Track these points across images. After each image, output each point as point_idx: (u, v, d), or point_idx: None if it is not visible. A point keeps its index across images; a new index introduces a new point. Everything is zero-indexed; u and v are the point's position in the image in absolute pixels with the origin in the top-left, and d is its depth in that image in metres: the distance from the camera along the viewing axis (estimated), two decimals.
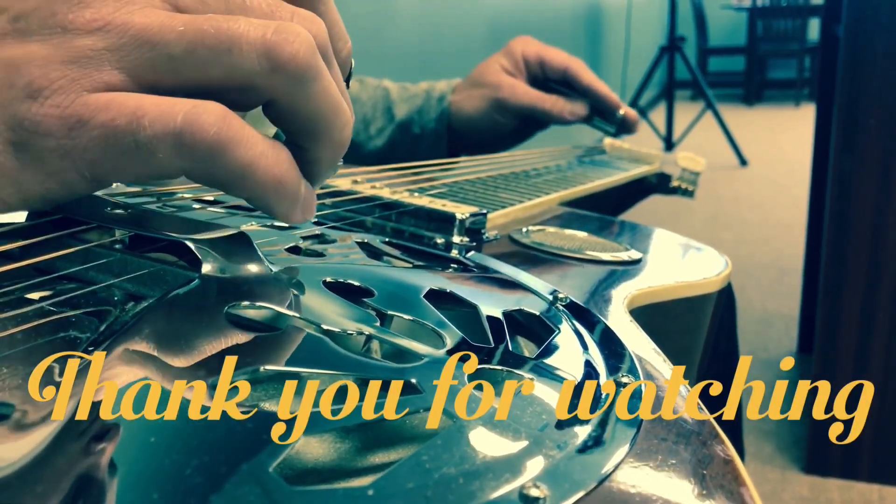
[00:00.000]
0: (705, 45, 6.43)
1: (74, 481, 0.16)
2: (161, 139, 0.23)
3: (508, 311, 0.28)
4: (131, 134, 0.23)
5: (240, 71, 0.24)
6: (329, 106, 0.26)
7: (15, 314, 0.22)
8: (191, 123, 0.23)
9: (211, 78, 0.24)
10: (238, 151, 0.24)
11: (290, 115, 0.26)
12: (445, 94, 0.76)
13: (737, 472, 0.19)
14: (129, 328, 0.21)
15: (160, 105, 0.23)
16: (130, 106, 0.23)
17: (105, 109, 0.23)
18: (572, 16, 3.50)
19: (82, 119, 0.23)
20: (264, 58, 0.24)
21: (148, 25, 0.24)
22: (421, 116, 0.76)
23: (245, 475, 0.16)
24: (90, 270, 0.25)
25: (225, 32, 0.24)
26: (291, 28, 0.24)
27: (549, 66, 0.75)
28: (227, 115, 0.24)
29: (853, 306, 1.17)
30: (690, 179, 0.78)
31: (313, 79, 0.25)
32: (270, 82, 0.24)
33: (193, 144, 0.23)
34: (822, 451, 1.22)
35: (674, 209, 2.83)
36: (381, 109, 0.77)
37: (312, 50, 0.25)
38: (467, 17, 2.10)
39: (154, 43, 0.24)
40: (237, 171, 0.24)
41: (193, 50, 0.24)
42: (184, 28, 0.24)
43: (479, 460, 0.18)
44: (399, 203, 0.42)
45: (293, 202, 0.26)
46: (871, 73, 1.12)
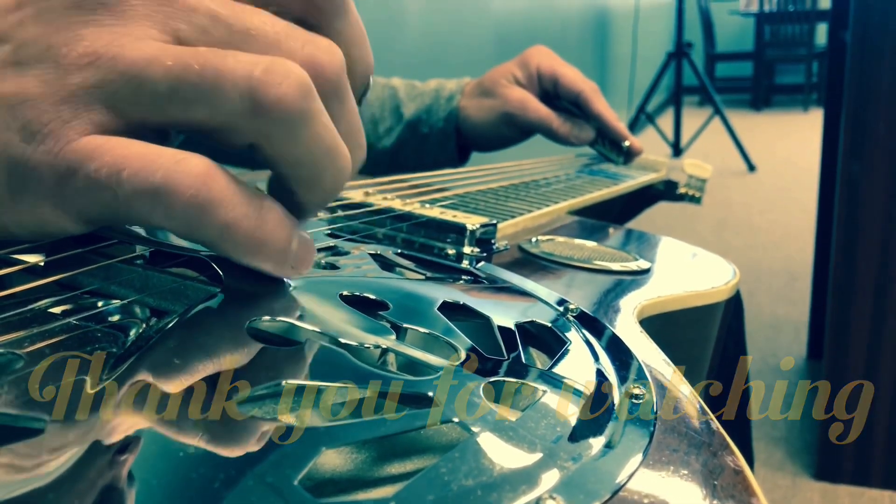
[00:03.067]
0: (713, 51, 6.43)
1: (104, 495, 0.16)
2: (138, 196, 0.22)
3: (519, 322, 0.28)
4: (110, 189, 0.23)
5: (221, 112, 0.23)
6: (320, 152, 0.24)
7: (42, 330, 0.22)
8: (168, 181, 0.22)
9: (195, 118, 0.23)
10: (217, 213, 0.23)
11: (275, 160, 0.24)
12: (455, 95, 0.76)
13: (747, 483, 0.20)
14: (154, 343, 0.22)
15: (143, 157, 0.22)
16: (115, 156, 0.22)
17: (90, 158, 0.23)
18: (580, 22, 3.51)
19: (70, 168, 0.23)
20: (248, 99, 0.23)
21: (136, 60, 0.23)
22: (429, 116, 0.76)
23: (270, 488, 0.16)
24: (112, 286, 0.26)
25: (209, 70, 0.23)
26: (282, 67, 0.23)
27: (563, 86, 0.74)
28: (210, 174, 0.23)
29: (863, 311, 1.17)
30: (697, 186, 0.78)
31: (303, 123, 0.23)
32: (254, 126, 0.23)
33: (169, 204, 0.22)
34: (833, 458, 1.22)
35: (682, 215, 2.83)
36: (389, 109, 0.78)
37: (303, 91, 0.23)
38: (475, 24, 2.10)
39: (141, 79, 0.23)
40: (215, 233, 0.23)
41: (177, 88, 0.23)
42: (172, 63, 0.23)
43: (496, 473, 0.18)
44: (411, 214, 0.42)
45: (281, 262, 0.25)
46: (880, 78, 1.12)
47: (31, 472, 0.16)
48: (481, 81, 0.76)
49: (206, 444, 0.18)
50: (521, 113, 0.73)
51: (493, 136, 0.76)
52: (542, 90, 0.75)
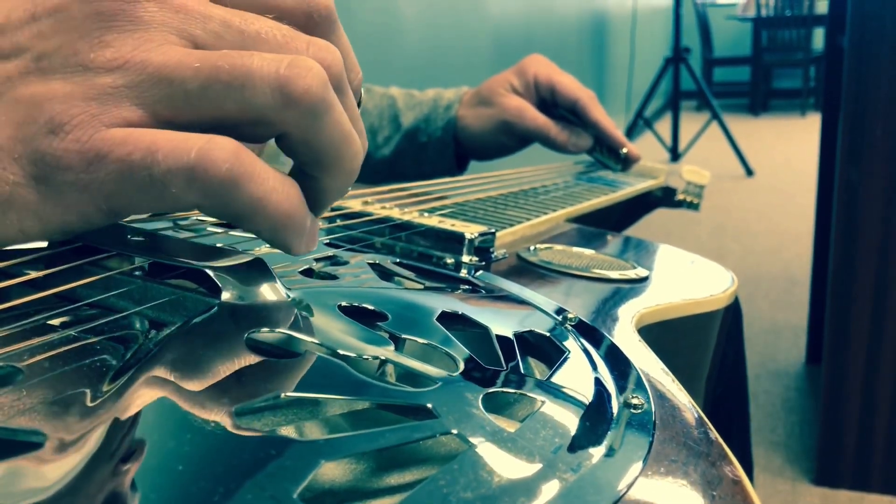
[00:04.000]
0: (710, 56, 6.45)
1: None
2: (174, 174, 0.23)
3: (518, 331, 0.28)
4: (146, 168, 0.23)
5: (254, 106, 0.25)
6: (340, 137, 0.26)
7: (41, 341, 0.22)
8: (203, 159, 0.23)
9: (226, 113, 0.25)
10: (250, 187, 0.24)
11: (302, 146, 0.26)
12: (453, 104, 0.77)
13: (746, 493, 0.20)
14: (153, 355, 0.22)
15: (174, 140, 0.24)
16: (146, 141, 0.24)
17: (122, 144, 0.23)
18: (578, 27, 3.52)
19: (100, 153, 0.23)
20: (278, 93, 0.24)
21: (165, 63, 0.24)
22: (427, 125, 0.77)
23: (269, 500, 0.16)
24: (112, 298, 0.26)
25: (239, 69, 0.24)
26: (304, 62, 0.25)
27: (560, 94, 0.75)
28: (240, 150, 0.24)
29: (862, 316, 1.18)
30: (695, 192, 0.78)
31: (325, 111, 0.25)
32: (284, 117, 0.25)
33: (206, 179, 0.23)
34: (832, 463, 1.21)
35: (680, 220, 2.83)
36: (387, 118, 0.78)
37: (324, 83, 0.25)
38: (473, 29, 2.11)
39: (171, 80, 0.24)
40: (248, 206, 0.24)
41: (209, 86, 0.24)
42: (199, 65, 0.24)
43: (495, 484, 0.18)
44: (409, 223, 0.42)
45: (300, 236, 0.27)
46: (877, 82, 1.12)
47: (31, 485, 0.16)
48: (479, 91, 0.77)
49: (206, 457, 0.18)
50: (519, 121, 0.73)
51: (491, 144, 0.76)
52: (540, 99, 0.76)
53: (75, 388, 0.20)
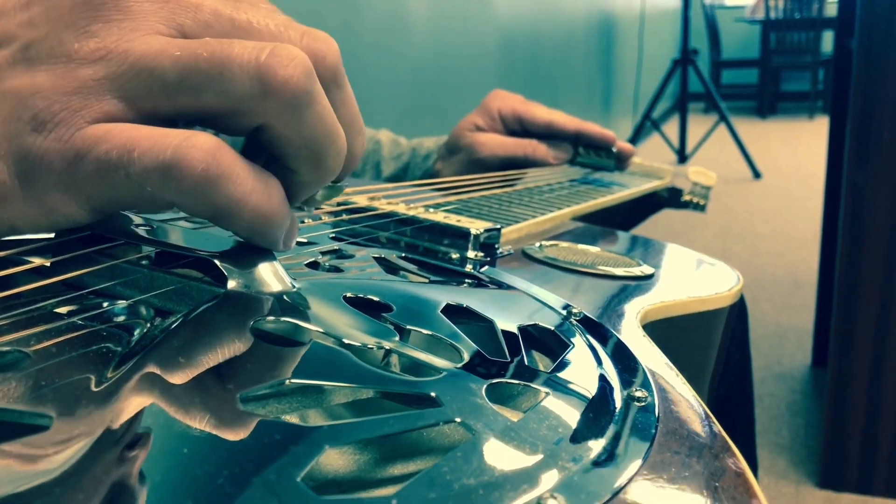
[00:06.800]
0: (718, 58, 6.44)
1: (109, 491, 0.16)
2: (150, 172, 0.23)
3: (523, 325, 0.29)
4: (122, 168, 0.23)
5: (232, 95, 0.24)
6: (323, 133, 0.25)
7: (47, 328, 0.22)
8: (179, 158, 0.23)
9: (204, 103, 0.24)
10: (227, 187, 0.24)
11: (282, 140, 0.25)
12: (431, 153, 0.76)
13: (748, 485, 0.20)
14: (158, 343, 0.22)
15: (153, 138, 0.23)
16: (123, 138, 0.23)
17: (100, 142, 0.23)
18: (585, 29, 3.52)
19: (80, 153, 0.23)
20: (256, 81, 0.23)
21: (145, 53, 0.24)
22: (406, 174, 0.76)
23: (272, 485, 0.16)
24: (118, 286, 0.26)
25: (218, 56, 0.23)
26: (287, 50, 0.24)
27: (529, 122, 0.73)
28: (219, 149, 0.23)
29: (868, 319, 1.17)
30: (702, 194, 0.78)
31: (307, 104, 0.24)
32: (262, 107, 0.24)
33: (181, 179, 0.23)
34: (837, 466, 1.21)
35: (687, 222, 2.82)
36: (371, 164, 0.77)
37: (308, 73, 0.24)
38: (481, 31, 2.11)
39: (150, 70, 0.24)
40: (225, 207, 0.24)
41: (187, 75, 0.24)
42: (179, 53, 0.24)
43: (497, 472, 0.18)
44: (415, 219, 0.42)
45: (278, 236, 0.26)
46: (885, 86, 1.12)
47: (36, 469, 0.17)
48: (448, 140, 0.75)
49: (211, 443, 0.18)
50: (489, 153, 0.71)
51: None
52: (510, 132, 0.74)
53: (81, 374, 0.20)
